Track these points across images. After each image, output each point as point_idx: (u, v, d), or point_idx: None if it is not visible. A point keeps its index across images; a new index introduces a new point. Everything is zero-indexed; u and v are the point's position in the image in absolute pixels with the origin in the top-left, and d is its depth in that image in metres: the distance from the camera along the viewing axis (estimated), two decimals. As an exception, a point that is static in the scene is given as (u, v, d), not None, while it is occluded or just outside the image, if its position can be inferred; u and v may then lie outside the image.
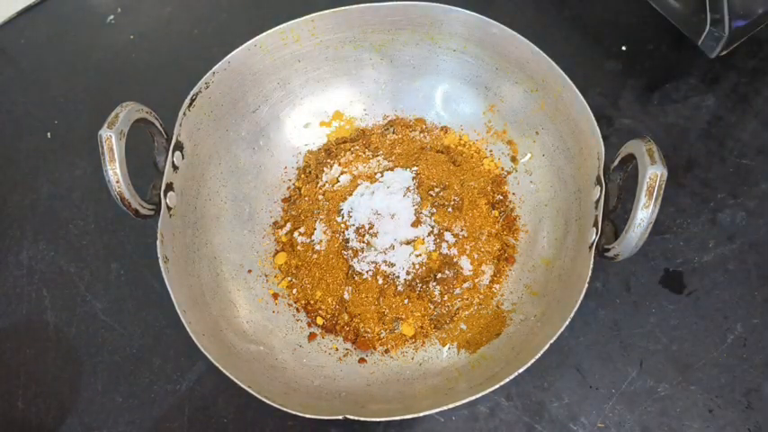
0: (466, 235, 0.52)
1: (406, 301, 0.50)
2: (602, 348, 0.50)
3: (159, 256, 0.44)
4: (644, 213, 0.37)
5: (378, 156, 0.56)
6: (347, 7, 0.52)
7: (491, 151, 0.56)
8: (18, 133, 0.63)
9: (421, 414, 0.40)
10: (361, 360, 0.49)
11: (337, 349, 0.50)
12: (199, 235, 0.50)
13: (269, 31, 0.51)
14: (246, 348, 0.47)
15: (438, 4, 0.51)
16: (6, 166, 0.61)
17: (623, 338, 0.50)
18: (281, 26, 0.51)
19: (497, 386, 0.40)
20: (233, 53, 0.50)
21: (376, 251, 0.51)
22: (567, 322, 0.40)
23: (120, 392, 0.51)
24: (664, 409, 0.47)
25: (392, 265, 0.51)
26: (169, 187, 0.46)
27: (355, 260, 0.51)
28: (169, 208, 0.46)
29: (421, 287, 0.50)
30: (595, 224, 0.42)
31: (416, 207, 0.52)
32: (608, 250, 0.40)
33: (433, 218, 0.52)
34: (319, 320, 0.51)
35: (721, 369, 0.48)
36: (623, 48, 0.61)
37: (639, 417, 0.47)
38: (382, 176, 0.54)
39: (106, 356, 0.52)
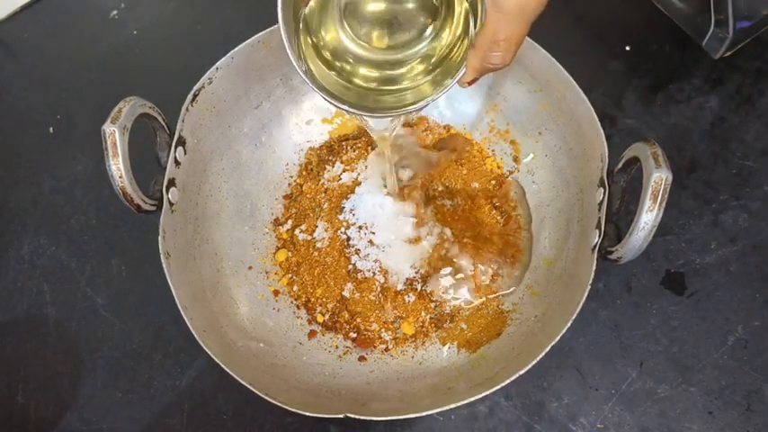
0: (467, 234, 0.52)
1: (406, 299, 0.50)
2: (602, 349, 0.49)
3: (161, 251, 0.44)
4: (648, 217, 0.37)
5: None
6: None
7: (493, 151, 0.56)
8: (20, 128, 0.63)
9: (421, 414, 0.40)
10: (362, 358, 0.49)
11: (337, 347, 0.50)
12: (200, 231, 0.50)
13: (272, 27, 0.51)
14: (247, 345, 0.47)
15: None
16: (8, 161, 0.61)
17: (624, 339, 0.50)
18: (285, 22, 0.51)
19: (497, 387, 0.40)
20: (236, 49, 0.50)
21: (377, 249, 0.51)
22: (569, 324, 0.40)
23: (120, 388, 0.51)
24: (663, 410, 0.47)
25: (393, 263, 0.51)
26: (171, 183, 0.46)
27: (356, 258, 0.51)
28: (171, 204, 0.46)
29: (422, 286, 0.50)
30: (598, 226, 0.42)
31: (418, 206, 0.52)
32: (611, 252, 0.40)
33: (434, 217, 0.52)
34: (320, 318, 0.51)
35: (722, 371, 0.48)
36: (627, 48, 0.61)
37: (639, 418, 0.47)
38: (384, 174, 0.54)
39: (106, 352, 0.52)
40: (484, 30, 0.34)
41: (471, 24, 0.37)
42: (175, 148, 0.46)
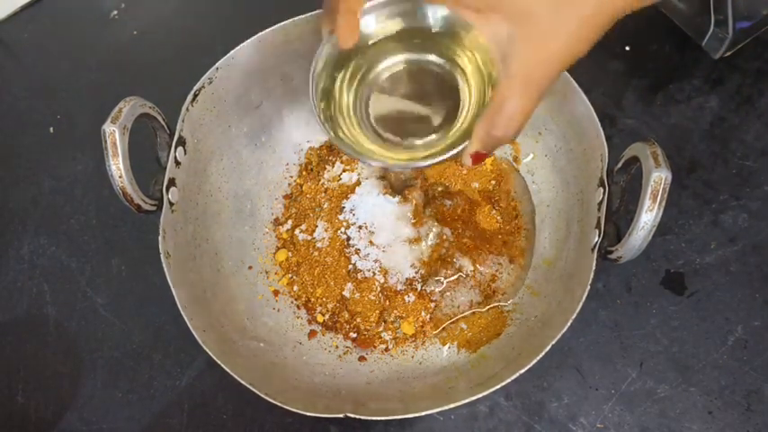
0: (467, 234, 0.52)
1: (406, 299, 0.50)
2: (602, 349, 0.49)
3: (161, 251, 0.44)
4: (648, 216, 0.37)
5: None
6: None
7: (493, 150, 0.56)
8: (20, 128, 0.63)
9: (421, 414, 0.40)
10: (361, 358, 0.49)
11: (337, 347, 0.50)
12: (200, 231, 0.50)
13: (272, 28, 0.51)
14: (247, 345, 0.47)
15: (442, 3, 0.51)
16: (8, 161, 0.61)
17: (623, 339, 0.50)
18: (285, 22, 0.51)
19: (497, 387, 0.40)
20: (236, 49, 0.50)
21: (377, 249, 0.51)
22: (569, 324, 0.40)
23: (120, 388, 0.51)
24: (663, 410, 0.47)
25: (393, 263, 0.51)
26: (171, 183, 0.46)
27: (356, 258, 0.51)
28: (171, 203, 0.46)
29: (422, 286, 0.50)
30: (598, 226, 0.42)
31: (418, 206, 0.52)
32: (610, 252, 0.40)
33: (434, 217, 0.52)
34: (320, 318, 0.51)
35: (721, 371, 0.48)
36: (627, 48, 0.61)
37: (639, 418, 0.47)
38: (384, 174, 0.54)
39: (106, 351, 0.52)
40: (492, 97, 0.35)
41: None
42: (175, 148, 0.46)
